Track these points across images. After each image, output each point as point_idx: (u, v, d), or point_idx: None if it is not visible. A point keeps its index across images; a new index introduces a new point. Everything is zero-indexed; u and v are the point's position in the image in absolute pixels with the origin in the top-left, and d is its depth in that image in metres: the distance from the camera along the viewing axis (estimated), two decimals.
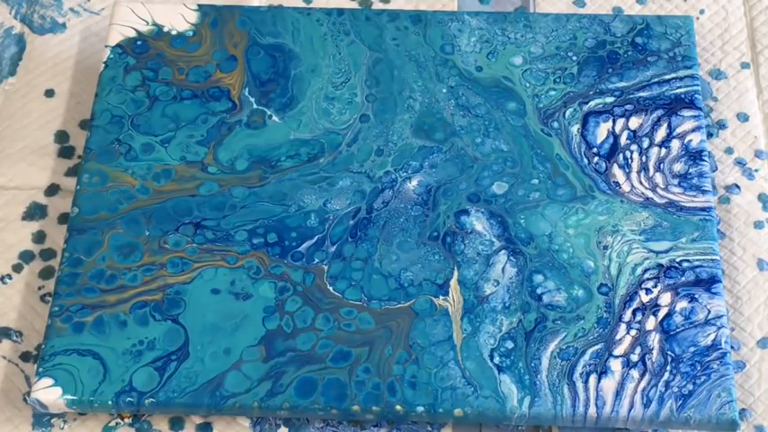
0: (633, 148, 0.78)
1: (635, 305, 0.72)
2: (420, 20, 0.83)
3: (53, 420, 0.72)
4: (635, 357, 0.70)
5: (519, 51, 0.82)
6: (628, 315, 0.71)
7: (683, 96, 0.80)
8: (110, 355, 0.70)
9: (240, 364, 0.70)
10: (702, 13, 0.88)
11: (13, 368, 0.74)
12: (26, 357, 0.74)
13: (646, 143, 0.78)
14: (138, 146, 0.77)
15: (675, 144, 0.78)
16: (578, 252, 0.74)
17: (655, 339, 0.70)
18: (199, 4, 0.84)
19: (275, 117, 0.79)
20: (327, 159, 0.77)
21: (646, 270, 0.73)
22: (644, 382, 0.69)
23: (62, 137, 0.83)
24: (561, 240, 0.74)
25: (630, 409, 0.68)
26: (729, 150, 0.82)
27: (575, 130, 0.78)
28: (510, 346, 0.70)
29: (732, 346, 0.74)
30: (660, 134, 0.78)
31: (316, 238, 0.74)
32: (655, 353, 0.70)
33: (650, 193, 0.76)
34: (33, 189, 0.81)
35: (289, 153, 0.78)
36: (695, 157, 0.77)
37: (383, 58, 0.81)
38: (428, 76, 0.81)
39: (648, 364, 0.70)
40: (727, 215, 0.79)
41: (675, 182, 0.76)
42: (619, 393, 0.69)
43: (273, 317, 0.71)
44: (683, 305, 0.72)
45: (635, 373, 0.69)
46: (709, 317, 0.71)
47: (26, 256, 0.78)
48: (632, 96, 0.80)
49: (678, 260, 0.73)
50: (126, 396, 0.69)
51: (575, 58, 0.81)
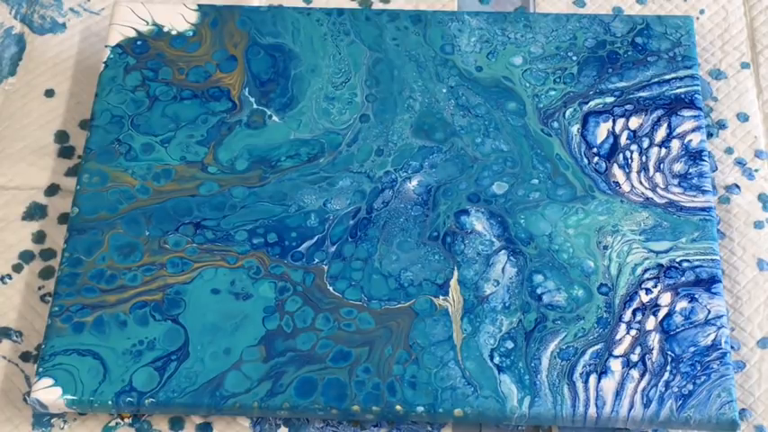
0: (633, 148, 0.78)
1: (635, 305, 0.72)
2: (420, 20, 0.83)
3: (53, 420, 0.72)
4: (635, 357, 0.70)
5: (519, 51, 0.82)
6: (628, 315, 0.71)
7: (683, 96, 0.80)
8: (110, 355, 0.70)
9: (240, 364, 0.70)
10: (702, 13, 0.88)
11: (13, 368, 0.74)
12: (26, 357, 0.74)
13: (646, 143, 0.78)
14: (138, 146, 0.77)
15: (675, 144, 0.78)
16: (578, 252, 0.73)
17: (655, 339, 0.70)
18: (199, 4, 0.84)
19: (275, 117, 0.79)
20: (327, 159, 0.77)
21: (646, 270, 0.73)
22: (644, 382, 0.69)
23: (62, 137, 0.83)
24: (561, 240, 0.74)
25: (630, 409, 0.68)
26: (729, 150, 0.82)
27: (575, 130, 0.78)
28: (510, 346, 0.70)
29: (732, 346, 0.74)
30: (660, 134, 0.78)
31: (316, 238, 0.74)
32: (655, 353, 0.70)
33: (650, 193, 0.76)
34: (33, 189, 0.81)
35: (289, 153, 0.77)
36: (695, 157, 0.77)
37: (383, 58, 0.81)
38: (428, 76, 0.81)
39: (648, 364, 0.70)
40: (727, 215, 0.79)
41: (675, 182, 0.76)
42: (619, 393, 0.69)
43: (273, 317, 0.71)
44: (683, 305, 0.72)
45: (635, 373, 0.69)
46: (709, 317, 0.71)
47: (26, 256, 0.78)
48: (632, 96, 0.80)
49: (678, 260, 0.73)
50: (126, 396, 0.69)
51: (575, 58, 0.81)
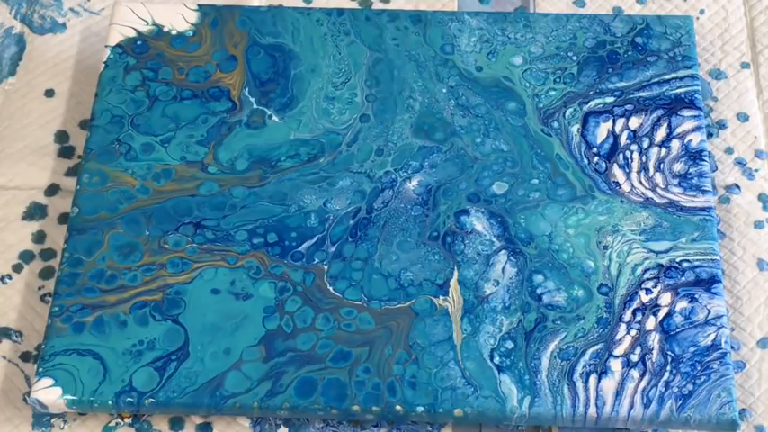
0: (633, 148, 0.78)
1: (635, 305, 0.72)
2: (420, 20, 0.83)
3: (53, 420, 0.72)
4: (635, 357, 0.70)
5: (519, 51, 0.82)
6: (628, 315, 0.71)
7: (683, 96, 0.80)
8: (110, 355, 0.70)
9: (240, 364, 0.70)
10: (702, 13, 0.88)
11: (13, 368, 0.74)
12: (26, 357, 0.74)
13: (646, 143, 0.78)
14: (138, 146, 0.77)
15: (675, 144, 0.78)
16: (578, 252, 0.73)
17: (655, 339, 0.70)
18: (199, 4, 0.84)
19: (275, 117, 0.79)
20: (327, 159, 0.77)
21: (646, 270, 0.73)
22: (644, 382, 0.69)
23: (62, 137, 0.83)
24: (561, 240, 0.74)
25: (630, 409, 0.68)
26: (729, 150, 0.82)
27: (575, 130, 0.78)
28: (510, 346, 0.70)
29: (732, 346, 0.74)
30: (660, 134, 0.78)
31: (316, 238, 0.74)
32: (655, 353, 0.70)
33: (650, 193, 0.76)
34: (33, 189, 0.81)
35: (289, 153, 0.77)
36: (695, 157, 0.77)
37: (383, 58, 0.81)
38: (428, 76, 0.81)
39: (648, 364, 0.70)
40: (727, 215, 0.79)
41: (675, 182, 0.76)
42: (619, 393, 0.69)
43: (273, 317, 0.71)
44: (683, 305, 0.72)
45: (635, 373, 0.69)
46: (709, 317, 0.71)
47: (26, 256, 0.78)
48: (632, 96, 0.80)
49: (678, 260, 0.73)
50: (126, 396, 0.69)
51: (575, 58, 0.81)
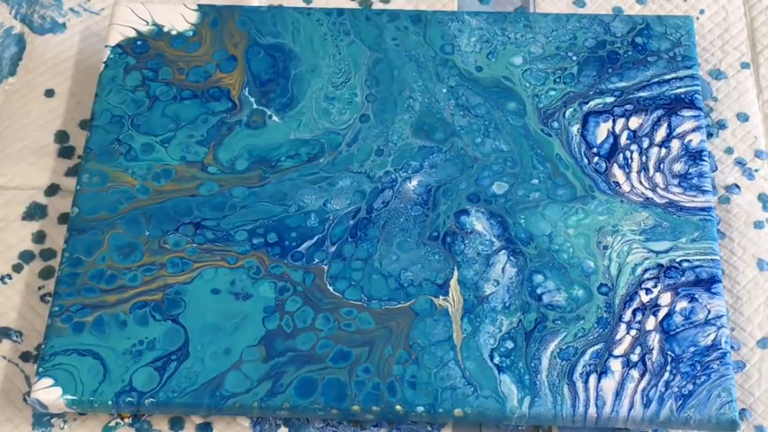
0: (633, 148, 0.78)
1: (635, 305, 0.72)
2: (420, 20, 0.83)
3: (53, 420, 0.72)
4: (635, 357, 0.70)
5: (519, 51, 0.82)
6: (628, 315, 0.71)
7: (683, 96, 0.80)
8: (110, 355, 0.70)
9: (240, 364, 0.70)
10: (702, 13, 0.88)
11: (13, 368, 0.74)
12: (26, 357, 0.74)
13: (646, 143, 0.78)
14: (138, 146, 0.77)
15: (675, 144, 0.78)
16: (578, 252, 0.73)
17: (655, 339, 0.70)
18: (199, 4, 0.84)
19: (275, 117, 0.79)
20: (327, 159, 0.77)
21: (646, 270, 0.73)
22: (644, 382, 0.69)
23: (62, 137, 0.83)
24: (561, 240, 0.74)
25: (630, 409, 0.68)
26: (729, 150, 0.82)
27: (575, 130, 0.78)
28: (510, 346, 0.70)
29: (732, 346, 0.74)
30: (660, 134, 0.78)
31: (316, 238, 0.74)
32: (655, 353, 0.70)
33: (650, 193, 0.76)
34: (33, 189, 0.81)
35: (289, 153, 0.77)
36: (695, 157, 0.77)
37: (383, 58, 0.81)
38: (428, 76, 0.81)
39: (648, 364, 0.70)
40: (727, 215, 0.79)
41: (675, 182, 0.76)
42: (619, 393, 0.69)
43: (273, 317, 0.71)
44: (683, 305, 0.72)
45: (635, 373, 0.69)
46: (709, 317, 0.71)
47: (26, 256, 0.78)
48: (632, 96, 0.80)
49: (678, 260, 0.73)
50: (126, 396, 0.69)
51: (575, 58, 0.81)
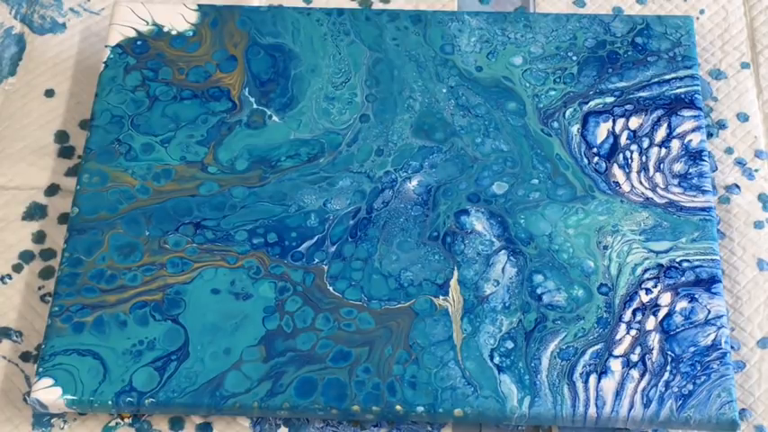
0: (633, 148, 0.78)
1: (635, 305, 0.72)
2: (420, 20, 0.83)
3: (53, 420, 0.72)
4: (635, 357, 0.70)
5: (519, 51, 0.82)
6: (628, 315, 0.71)
7: (683, 96, 0.80)
8: (110, 355, 0.70)
9: (240, 364, 0.70)
10: (702, 13, 0.88)
11: (13, 368, 0.74)
12: (26, 357, 0.74)
13: (646, 143, 0.78)
14: (138, 146, 0.77)
15: (675, 144, 0.78)
16: (578, 252, 0.73)
17: (655, 339, 0.70)
18: (199, 4, 0.84)
19: (275, 117, 0.79)
20: (327, 159, 0.77)
21: (646, 270, 0.73)
22: (644, 382, 0.69)
23: (62, 137, 0.83)
24: (561, 240, 0.74)
25: (630, 409, 0.68)
26: (729, 150, 0.82)
27: (575, 130, 0.78)
28: (510, 346, 0.70)
29: (732, 346, 0.74)
30: (660, 134, 0.78)
31: (316, 238, 0.74)
32: (655, 353, 0.70)
33: (650, 193, 0.76)
34: (33, 189, 0.81)
35: (289, 153, 0.77)
36: (695, 157, 0.77)
37: (383, 58, 0.81)
38: (428, 76, 0.81)
39: (648, 364, 0.70)
40: (727, 215, 0.79)
41: (675, 182, 0.76)
42: (619, 393, 0.69)
43: (273, 317, 0.71)
44: (683, 305, 0.72)
45: (635, 373, 0.69)
46: (709, 317, 0.71)
47: (26, 256, 0.78)
48: (632, 96, 0.80)
49: (678, 260, 0.73)
50: (126, 396, 0.69)
51: (575, 58, 0.81)
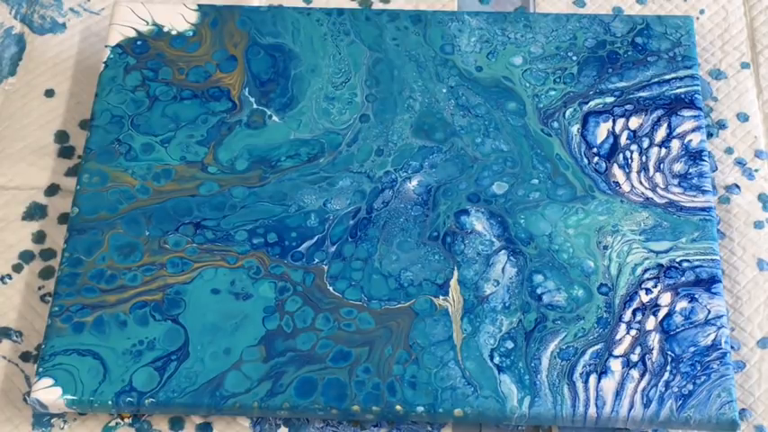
0: (633, 148, 0.78)
1: (635, 305, 0.72)
2: (420, 20, 0.83)
3: (53, 420, 0.72)
4: (635, 357, 0.70)
5: (519, 51, 0.82)
6: (628, 315, 0.71)
7: (683, 96, 0.80)
8: (110, 355, 0.70)
9: (240, 364, 0.70)
10: (702, 13, 0.88)
11: (13, 368, 0.74)
12: (26, 357, 0.74)
13: (646, 143, 0.78)
14: (138, 146, 0.77)
15: (675, 144, 0.78)
16: (578, 252, 0.73)
17: (655, 339, 0.70)
18: (199, 4, 0.84)
19: (275, 117, 0.79)
20: (327, 159, 0.77)
21: (646, 270, 0.73)
22: (644, 382, 0.69)
23: (62, 137, 0.83)
24: (561, 240, 0.74)
25: (630, 409, 0.68)
26: (729, 150, 0.82)
27: (575, 130, 0.78)
28: (510, 346, 0.70)
29: (732, 346, 0.74)
30: (660, 134, 0.78)
31: (316, 238, 0.74)
32: (655, 353, 0.70)
33: (650, 193, 0.76)
34: (33, 189, 0.81)
35: (289, 153, 0.77)
36: (695, 157, 0.77)
37: (383, 58, 0.81)
38: (428, 76, 0.81)
39: (648, 364, 0.70)
40: (727, 215, 0.79)
41: (675, 182, 0.76)
42: (619, 393, 0.69)
43: (273, 317, 0.71)
44: (683, 305, 0.72)
45: (635, 373, 0.69)
46: (709, 317, 0.71)
47: (26, 256, 0.78)
48: (632, 96, 0.80)
49: (678, 260, 0.73)
50: (126, 396, 0.69)
51: (575, 58, 0.81)
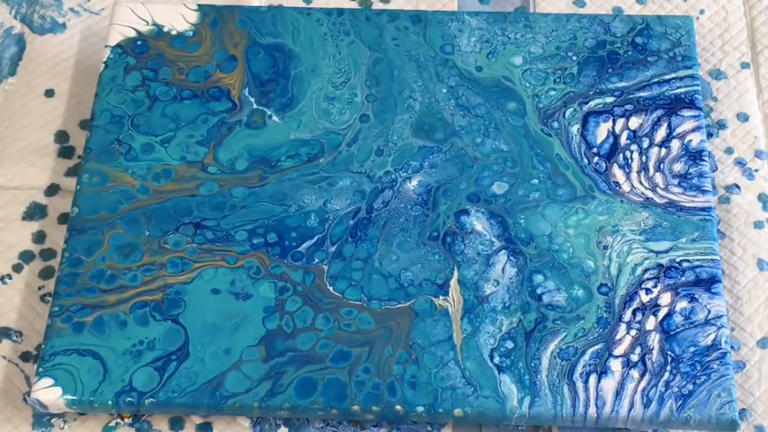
0: (633, 148, 0.78)
1: (635, 305, 0.72)
2: (420, 20, 0.83)
3: (53, 420, 0.72)
4: (635, 357, 0.70)
5: (519, 51, 0.82)
6: (628, 315, 0.71)
7: (683, 96, 0.80)
8: (110, 355, 0.70)
9: (240, 364, 0.70)
10: (702, 13, 0.88)
11: (13, 368, 0.74)
12: (26, 357, 0.74)
13: (646, 143, 0.78)
14: (138, 146, 0.77)
15: (675, 144, 0.78)
16: (578, 252, 0.73)
17: (655, 339, 0.70)
18: (199, 4, 0.84)
19: (275, 117, 0.79)
20: (327, 159, 0.77)
21: (646, 270, 0.73)
22: (644, 382, 0.69)
23: (62, 137, 0.83)
24: (561, 240, 0.74)
25: (630, 409, 0.68)
26: (729, 150, 0.82)
27: (575, 130, 0.78)
28: (510, 346, 0.70)
29: (732, 346, 0.74)
30: (660, 134, 0.78)
31: (316, 238, 0.74)
32: (655, 353, 0.70)
33: (650, 193, 0.76)
34: (33, 189, 0.81)
35: (289, 153, 0.77)
36: (695, 157, 0.77)
37: (383, 58, 0.81)
38: (428, 76, 0.81)
39: (648, 364, 0.70)
40: (727, 215, 0.79)
41: (675, 182, 0.76)
42: (619, 393, 0.69)
43: (273, 317, 0.71)
44: (683, 305, 0.72)
45: (635, 373, 0.69)
46: (709, 317, 0.71)
47: (26, 256, 0.78)
48: (632, 96, 0.80)
49: (678, 260, 0.73)
50: (126, 396, 0.69)
51: (575, 58, 0.81)
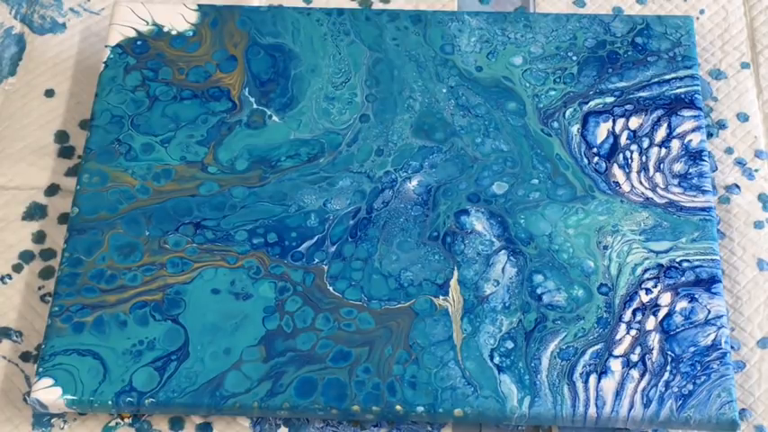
0: (633, 148, 0.78)
1: (635, 305, 0.72)
2: (420, 20, 0.83)
3: (53, 420, 0.72)
4: (635, 357, 0.70)
5: (519, 51, 0.82)
6: (628, 315, 0.71)
7: (683, 96, 0.80)
8: (110, 355, 0.70)
9: (240, 364, 0.70)
10: (702, 13, 0.88)
11: (13, 368, 0.74)
12: (26, 357, 0.74)
13: (646, 143, 0.78)
14: (138, 146, 0.77)
15: (675, 144, 0.78)
16: (578, 252, 0.73)
17: (655, 339, 0.70)
18: (199, 4, 0.84)
19: (275, 117, 0.79)
20: (327, 159, 0.77)
21: (646, 270, 0.73)
22: (644, 382, 0.69)
23: (62, 137, 0.83)
24: (561, 240, 0.74)
25: (630, 409, 0.68)
26: (729, 150, 0.82)
27: (575, 130, 0.78)
28: (510, 346, 0.70)
29: (732, 346, 0.74)
30: (660, 134, 0.78)
31: (316, 238, 0.74)
32: (655, 353, 0.70)
33: (650, 193, 0.76)
34: (33, 189, 0.81)
35: (289, 153, 0.77)
36: (695, 157, 0.77)
37: (383, 58, 0.81)
38: (428, 76, 0.81)
39: (648, 364, 0.70)
40: (727, 215, 0.79)
41: (675, 182, 0.76)
42: (619, 393, 0.69)
43: (273, 317, 0.71)
44: (683, 305, 0.72)
45: (635, 373, 0.69)
46: (709, 317, 0.71)
47: (26, 256, 0.78)
48: (632, 96, 0.80)
49: (678, 260, 0.73)
50: (126, 396, 0.69)
51: (575, 58, 0.81)
